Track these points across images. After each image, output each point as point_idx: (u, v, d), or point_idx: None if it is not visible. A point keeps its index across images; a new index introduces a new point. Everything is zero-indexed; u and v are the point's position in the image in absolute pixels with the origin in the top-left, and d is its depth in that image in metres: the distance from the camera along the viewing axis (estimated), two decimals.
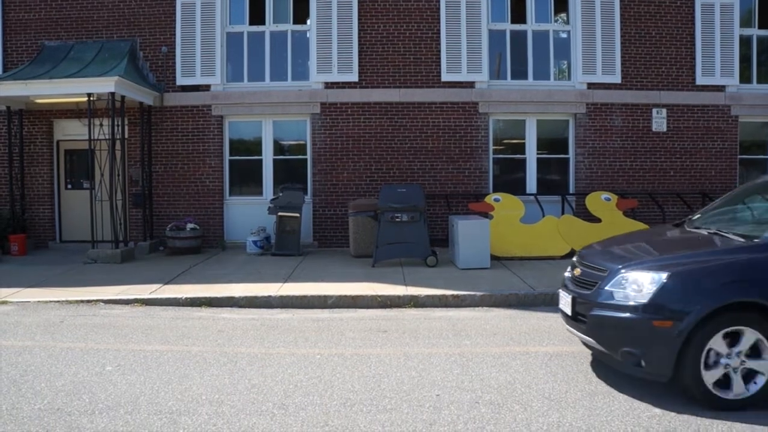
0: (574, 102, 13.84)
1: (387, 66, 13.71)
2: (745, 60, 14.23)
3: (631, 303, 4.89)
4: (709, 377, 4.70)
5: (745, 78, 14.18)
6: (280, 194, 12.66)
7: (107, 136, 12.25)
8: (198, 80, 13.76)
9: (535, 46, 14.07)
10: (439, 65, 13.69)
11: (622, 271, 5.13)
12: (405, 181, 13.50)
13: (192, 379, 5.52)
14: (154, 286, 9.56)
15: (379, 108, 13.70)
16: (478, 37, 13.64)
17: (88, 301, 8.80)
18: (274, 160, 14.10)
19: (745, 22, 14.20)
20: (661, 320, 4.74)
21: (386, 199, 11.06)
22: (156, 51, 13.79)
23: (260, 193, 14.01)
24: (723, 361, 4.71)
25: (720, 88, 13.96)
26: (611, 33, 13.72)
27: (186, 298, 8.79)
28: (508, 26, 14.01)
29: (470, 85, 13.74)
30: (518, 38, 14.07)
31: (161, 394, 5.15)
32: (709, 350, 4.70)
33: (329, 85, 13.72)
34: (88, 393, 5.17)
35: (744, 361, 4.71)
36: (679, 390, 4.89)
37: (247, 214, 13.75)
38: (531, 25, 14.03)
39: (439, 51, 13.67)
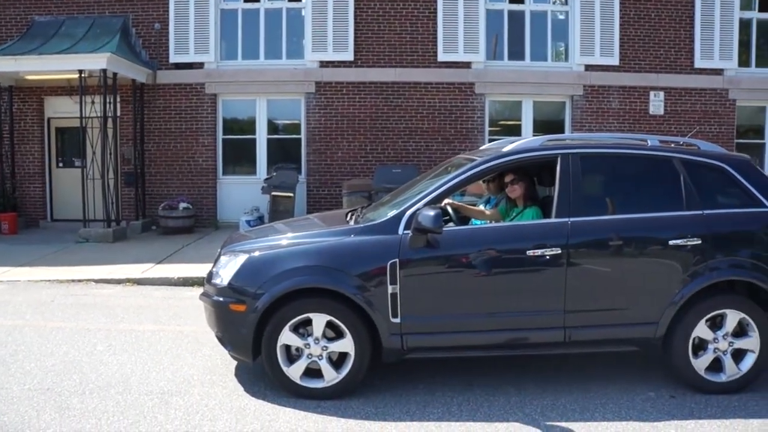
0: (571, 84, 13.73)
1: (383, 45, 13.54)
2: (744, 43, 14.12)
3: (218, 286, 4.74)
4: (294, 370, 4.54)
5: (743, 62, 14.07)
6: (274, 174, 12.54)
7: (99, 114, 12.08)
8: (191, 58, 13.57)
9: (532, 26, 13.92)
10: (436, 45, 13.52)
11: (222, 253, 5.01)
12: (400, 162, 13.40)
13: (184, 360, 5.47)
14: (146, 266, 9.47)
15: (375, 87, 13.55)
16: (475, 17, 13.47)
17: (80, 281, 8.71)
18: (268, 140, 13.97)
19: (745, 5, 14.05)
20: (237, 304, 4.57)
21: (381, 180, 10.98)
22: (149, 28, 13.57)
23: (254, 173, 13.89)
24: (307, 351, 4.53)
25: (718, 72, 13.86)
26: (610, 14, 13.56)
27: (178, 278, 8.72)
28: (505, 6, 13.84)
29: (467, 65, 13.60)
30: (516, 18, 13.92)
31: (153, 375, 5.09)
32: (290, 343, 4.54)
33: (324, 64, 13.55)
34: (79, 373, 5.11)
35: (326, 347, 4.52)
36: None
37: (241, 193, 13.62)
38: (529, 5, 13.87)
39: (436, 30, 13.50)
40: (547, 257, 4.55)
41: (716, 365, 4.68)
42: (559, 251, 4.55)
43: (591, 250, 4.65)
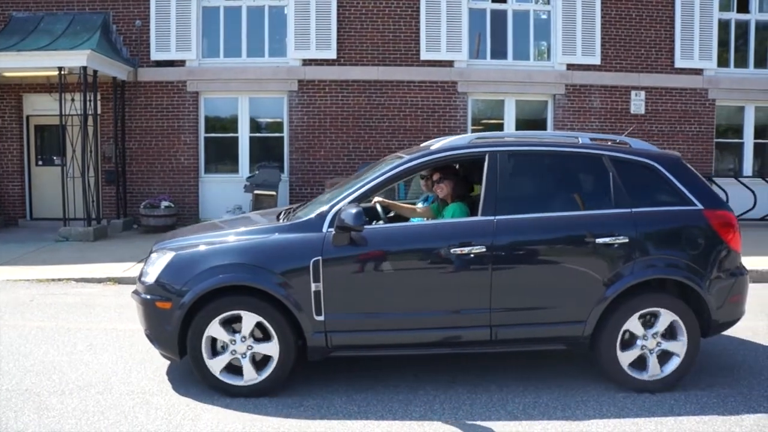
0: (554, 83, 13.81)
1: (366, 43, 13.53)
2: (723, 44, 14.29)
3: (147, 284, 4.73)
4: (217, 363, 4.54)
5: (722, 62, 14.25)
6: (257, 172, 12.50)
7: (79, 112, 11.97)
8: (173, 55, 13.47)
9: (515, 25, 13.98)
10: (419, 43, 13.55)
11: (153, 250, 5.01)
12: None
13: (165, 359, 5.41)
14: (127, 265, 9.39)
15: (358, 86, 13.55)
16: (458, 16, 13.51)
17: (60, 280, 8.62)
18: (251, 138, 13.91)
19: (724, 6, 14.24)
20: (162, 301, 4.58)
21: None
22: (130, 25, 13.45)
23: (236, 171, 13.82)
24: (231, 347, 4.53)
25: (698, 72, 14.01)
26: (592, 14, 13.66)
27: None
28: (488, 5, 13.89)
29: (449, 64, 13.63)
30: (498, 17, 13.96)
31: (133, 374, 5.06)
32: (216, 336, 4.56)
33: (307, 62, 13.52)
34: (59, 373, 5.06)
35: (251, 347, 4.53)
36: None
37: (223, 192, 13.55)
38: (511, 5, 13.93)
39: (419, 29, 13.52)
40: (472, 255, 4.52)
41: (641, 363, 4.69)
42: (484, 249, 4.52)
43: (517, 249, 4.62)
